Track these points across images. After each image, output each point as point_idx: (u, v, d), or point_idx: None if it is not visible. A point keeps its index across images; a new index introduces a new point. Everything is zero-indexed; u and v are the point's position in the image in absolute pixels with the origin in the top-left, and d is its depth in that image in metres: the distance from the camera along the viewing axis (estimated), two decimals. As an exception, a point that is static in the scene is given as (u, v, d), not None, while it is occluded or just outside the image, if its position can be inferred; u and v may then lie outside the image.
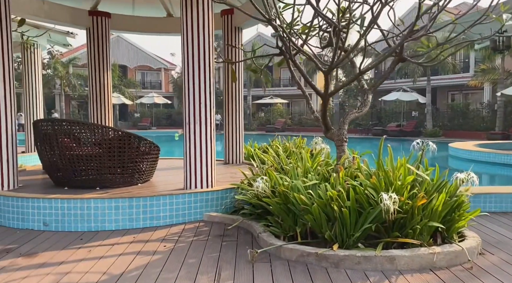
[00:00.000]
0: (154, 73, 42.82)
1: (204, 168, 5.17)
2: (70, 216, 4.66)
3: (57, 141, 5.16)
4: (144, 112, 38.24)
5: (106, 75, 8.11)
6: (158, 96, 35.54)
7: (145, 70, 42.03)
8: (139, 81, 41.07)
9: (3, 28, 5.23)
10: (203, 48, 5.11)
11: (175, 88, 41.23)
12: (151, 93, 36.28)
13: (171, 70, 44.62)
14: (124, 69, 39.54)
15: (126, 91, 35.10)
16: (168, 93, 41.58)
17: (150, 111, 38.24)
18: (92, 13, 7.82)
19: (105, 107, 8.14)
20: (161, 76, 42.82)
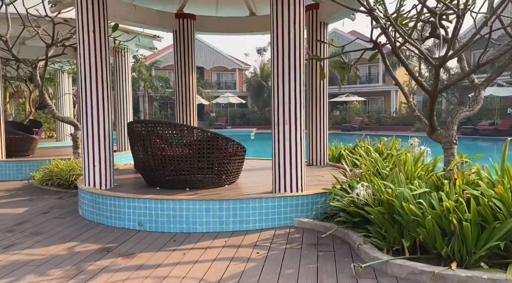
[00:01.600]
0: (229, 73, 43.81)
1: (294, 171, 4.92)
2: (163, 216, 4.70)
3: (150, 142, 5.26)
4: (219, 111, 39.28)
5: (191, 76, 8.23)
6: (233, 96, 36.24)
7: (221, 70, 43.15)
8: (214, 82, 42.30)
9: (102, 33, 5.45)
10: (294, 45, 4.85)
11: (249, 87, 41.79)
12: (226, 93, 37.12)
13: (245, 70, 45.33)
14: (201, 70, 40.98)
15: (203, 91, 36.32)
16: (242, 92, 42.29)
17: (225, 110, 39.17)
18: (179, 16, 7.97)
19: (190, 108, 8.27)
20: (236, 76, 43.68)
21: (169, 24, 7.97)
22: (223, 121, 36.12)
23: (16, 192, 7.26)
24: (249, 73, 45.09)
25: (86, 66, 5.40)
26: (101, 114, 5.48)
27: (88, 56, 5.39)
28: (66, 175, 7.37)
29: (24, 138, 9.63)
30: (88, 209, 5.30)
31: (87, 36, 5.37)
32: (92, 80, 5.42)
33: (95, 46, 5.41)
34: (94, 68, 5.42)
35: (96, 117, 5.46)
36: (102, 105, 5.49)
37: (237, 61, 43.59)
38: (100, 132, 5.48)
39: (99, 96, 5.46)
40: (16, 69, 12.32)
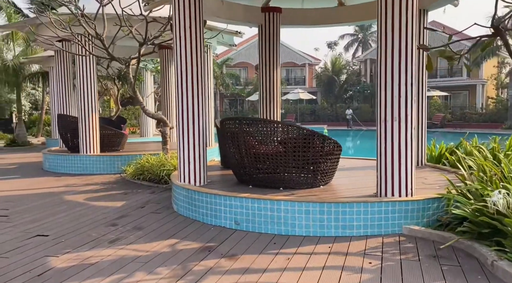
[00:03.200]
0: (298, 69, 43.31)
1: (403, 173, 4.46)
2: (261, 217, 4.52)
3: (244, 139, 5.11)
4: (288, 108, 38.96)
5: (275, 72, 8.03)
6: (303, 92, 35.71)
7: (290, 66, 42.78)
8: (283, 78, 42.05)
9: (197, 29, 5.40)
10: (405, 32, 4.38)
11: (319, 83, 40.95)
12: (296, 89, 36.68)
13: (314, 65, 44.49)
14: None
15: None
16: (311, 88, 41.57)
17: (294, 107, 38.77)
18: (265, 9, 7.79)
19: (274, 104, 8.08)
20: (305, 72, 43.04)
21: (255, 19, 7.84)
22: (293, 118, 35.76)
23: (111, 186, 7.60)
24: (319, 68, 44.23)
25: (182, 61, 5.40)
26: (195, 110, 5.45)
27: (184, 52, 5.38)
28: (157, 170, 7.56)
29: (116, 133, 10.13)
30: (183, 205, 5.30)
31: (183, 32, 5.36)
32: (188, 76, 5.41)
33: (191, 42, 5.38)
34: (190, 64, 5.40)
35: (191, 114, 5.44)
36: (197, 101, 5.46)
37: (307, 56, 42.91)
38: (195, 129, 5.46)
39: (194, 93, 5.43)
40: (106, 68, 13.09)
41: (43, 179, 8.38)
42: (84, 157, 9.16)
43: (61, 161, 9.32)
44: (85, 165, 9.13)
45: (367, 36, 52.70)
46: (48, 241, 4.37)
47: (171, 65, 12.76)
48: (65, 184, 7.79)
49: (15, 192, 7.11)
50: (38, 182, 8.11)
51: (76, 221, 5.13)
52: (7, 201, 6.34)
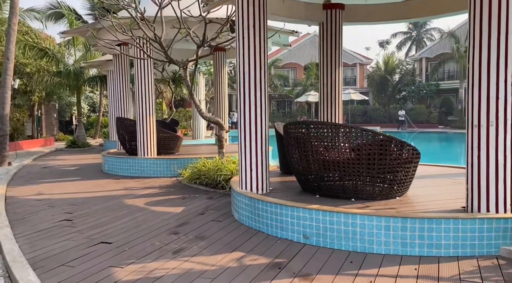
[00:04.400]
0: (348, 69, 42.10)
1: (500, 185, 3.88)
2: (333, 231, 4.12)
3: (311, 145, 4.74)
4: (339, 109, 37.89)
5: (337, 72, 7.59)
6: (355, 92, 34.58)
7: (341, 66, 41.64)
8: (333, 78, 41.02)
9: (261, 28, 5.12)
10: (505, 22, 3.79)
11: (370, 83, 39.54)
12: (347, 90, 35.62)
13: (366, 64, 43.07)
14: (319, 67, 40.21)
15: (322, 88, 35.44)
16: (362, 88, 40.24)
17: (345, 108, 37.66)
18: (326, 6, 7.38)
19: (336, 106, 7.63)
20: (356, 72, 41.80)
21: (316, 16, 7.44)
22: (344, 119, 34.75)
23: (169, 190, 7.52)
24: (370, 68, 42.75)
25: (245, 62, 5.14)
26: (258, 113, 5.17)
27: (247, 52, 5.11)
28: (213, 175, 7.38)
29: (171, 136, 10.14)
30: (245, 214, 5.03)
31: (247, 31, 5.09)
32: (251, 77, 5.13)
33: (255, 42, 5.10)
34: (253, 64, 5.12)
35: (254, 117, 5.16)
36: (260, 104, 5.17)
37: (358, 56, 41.62)
38: (258, 133, 5.18)
39: (257, 95, 5.15)
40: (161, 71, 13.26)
41: (103, 182, 8.50)
42: (141, 160, 9.22)
43: (119, 164, 9.45)
44: (142, 168, 9.18)
45: (422, 34, 50.30)
46: (112, 249, 4.26)
47: (225, 67, 12.66)
48: (124, 187, 7.82)
49: (78, 194, 7.21)
50: (99, 184, 8.23)
51: (138, 228, 5.01)
52: (71, 204, 6.42)
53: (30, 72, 17.55)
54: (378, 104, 37.53)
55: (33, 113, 19.54)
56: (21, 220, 5.49)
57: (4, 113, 11.36)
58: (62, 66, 17.21)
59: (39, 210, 6.02)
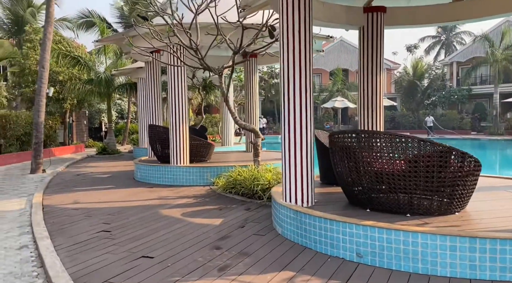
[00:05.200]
0: (376, 74, 41.25)
1: None
2: (391, 250, 3.81)
3: (362, 155, 4.45)
4: (366, 115, 37.11)
5: (378, 77, 7.26)
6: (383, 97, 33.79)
7: (367, 71, 40.89)
8: (360, 84, 40.31)
9: (306, 33, 4.88)
10: None
11: (398, 88, 38.66)
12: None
13: (393, 69, 42.20)
14: (346, 72, 39.65)
15: (349, 94, 34.91)
16: (390, 94, 39.38)
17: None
18: (367, 10, 7.08)
19: (377, 113, 7.31)
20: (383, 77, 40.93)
21: (356, 20, 7.15)
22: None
23: (203, 199, 7.34)
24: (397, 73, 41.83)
25: (290, 67, 4.91)
26: (303, 121, 4.92)
27: (292, 57, 4.88)
28: (250, 185, 7.15)
29: (203, 144, 10.00)
30: (290, 228, 4.76)
31: (292, 36, 4.87)
32: (295, 83, 4.90)
33: (300, 47, 4.87)
34: (298, 70, 4.89)
35: (299, 125, 4.91)
36: (305, 111, 4.92)
37: (385, 61, 40.79)
38: (303, 142, 4.92)
39: (302, 102, 4.90)
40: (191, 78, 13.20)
41: (137, 190, 8.41)
42: (174, 168, 9.10)
43: (152, 172, 9.37)
44: (175, 176, 9.06)
45: (451, 38, 49.00)
46: (154, 264, 4.08)
47: (256, 73, 12.49)
48: (158, 196, 7.70)
49: (113, 203, 7.13)
50: (133, 193, 8.14)
51: (178, 241, 4.82)
52: (108, 214, 6.32)
53: (63, 80, 17.93)
54: (406, 110, 36.58)
55: (65, 120, 19.92)
56: (60, 230, 5.41)
57: (39, 121, 11.53)
58: (93, 74, 17.48)
59: (76, 220, 5.94)
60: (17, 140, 15.50)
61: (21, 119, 15.35)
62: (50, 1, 11.96)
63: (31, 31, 18.53)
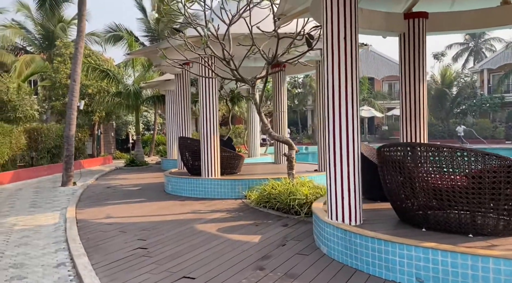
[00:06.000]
0: (402, 82, 40.44)
1: None
2: (456, 276, 3.45)
3: (418, 170, 4.12)
4: (393, 124, 36.36)
5: (421, 86, 6.90)
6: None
7: (393, 80, 40.22)
8: (385, 92, 39.61)
9: (352, 40, 4.63)
10: None
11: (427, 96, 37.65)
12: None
13: (420, 78, 41.17)
14: (371, 81, 39.02)
15: (375, 103, 34.27)
16: (417, 103, 38.33)
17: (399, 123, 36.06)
18: (408, 16, 6.77)
19: (420, 123, 6.92)
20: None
21: (397, 27, 6.84)
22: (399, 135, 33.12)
23: (237, 214, 7.10)
24: (425, 81, 40.75)
25: (335, 76, 4.65)
26: (350, 134, 4.63)
27: (337, 66, 4.63)
28: (286, 199, 6.87)
29: (234, 155, 9.81)
30: (337, 248, 4.45)
31: (337, 43, 4.62)
32: (341, 93, 4.63)
33: (345, 55, 4.62)
34: (343, 79, 4.62)
35: (345, 137, 4.63)
36: (352, 122, 4.64)
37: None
38: (350, 155, 4.63)
39: (349, 112, 4.62)
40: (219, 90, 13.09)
41: (169, 204, 8.25)
42: (206, 181, 8.92)
43: (183, 185, 9.22)
44: (206, 189, 8.87)
45: (480, 44, 47.64)
46: (197, 287, 3.85)
47: (284, 83, 12.29)
48: (191, 210, 7.51)
49: (147, 218, 6.98)
50: (165, 206, 7.99)
51: (218, 260, 4.58)
52: (142, 229, 6.16)
53: (92, 93, 18.20)
54: (435, 119, 35.57)
55: (93, 132, 20.20)
56: (96, 247, 5.26)
57: (70, 134, 11.62)
58: (122, 87, 17.69)
59: (111, 236, 5.79)
60: (48, 153, 15.75)
61: (51, 132, 15.60)
62: (82, 16, 12.14)
63: (62, 45, 18.97)
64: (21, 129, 14.29)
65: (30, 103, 15.10)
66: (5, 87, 14.81)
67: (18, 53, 23.77)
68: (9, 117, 14.10)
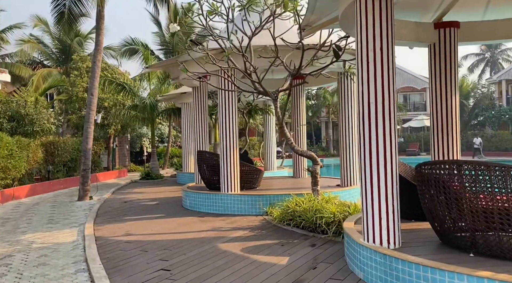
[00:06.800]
0: (417, 94, 40.02)
1: None
2: (518, 309, 3.10)
3: (465, 190, 3.80)
4: (409, 136, 35.76)
5: (453, 98, 6.58)
6: (428, 118, 32.44)
7: (408, 91, 39.80)
8: (401, 103, 39.09)
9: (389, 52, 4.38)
10: None
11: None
12: (420, 116, 33.65)
13: (436, 89, 40.58)
14: (386, 92, 38.57)
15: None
16: (433, 114, 37.73)
17: (416, 135, 35.46)
18: (439, 25, 6.50)
19: (453, 138, 6.57)
20: (425, 97, 39.51)
21: (427, 37, 6.58)
22: (416, 147, 32.55)
23: (260, 232, 6.81)
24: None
25: (371, 89, 4.39)
26: (388, 150, 4.35)
27: (373, 78, 4.38)
28: (311, 217, 6.56)
29: (253, 170, 9.55)
30: (375, 273, 4.13)
31: (373, 55, 4.38)
32: (378, 107, 4.37)
33: (382, 67, 4.36)
34: (380, 92, 4.37)
35: (383, 154, 4.34)
36: (390, 138, 4.36)
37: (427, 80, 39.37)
38: (388, 173, 4.33)
39: (386, 126, 4.35)
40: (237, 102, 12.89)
41: (188, 220, 8.00)
42: (225, 196, 8.67)
43: (202, 200, 8.97)
44: (226, 204, 8.61)
45: (497, 55, 46.95)
46: (227, 316, 3.56)
47: (303, 96, 12.05)
48: (211, 227, 7.25)
49: (167, 235, 6.74)
50: (185, 223, 7.74)
51: (247, 286, 4.30)
52: (163, 248, 5.91)
53: (108, 106, 18.23)
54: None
55: (109, 145, 20.19)
56: (116, 268, 5.02)
57: (88, 147, 11.53)
58: (137, 100, 17.68)
59: (132, 256, 5.55)
60: (64, 166, 15.71)
61: (68, 145, 15.59)
62: (100, 29, 12.15)
63: (78, 59, 19.11)
64: (38, 142, 14.29)
65: (47, 117, 15.12)
66: (23, 101, 14.89)
67: (36, 67, 24.10)
68: (27, 131, 14.12)
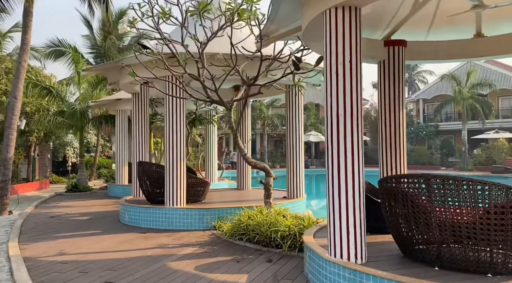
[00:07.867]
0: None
1: None
2: (492, 321, 3.16)
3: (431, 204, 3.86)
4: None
5: (400, 113, 6.85)
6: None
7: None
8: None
9: (357, 64, 4.38)
10: None
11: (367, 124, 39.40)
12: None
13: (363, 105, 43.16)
14: (317, 107, 40.16)
15: (322, 129, 35.16)
16: (360, 129, 40.02)
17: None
18: (389, 43, 6.78)
19: (399, 152, 6.83)
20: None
21: (377, 54, 6.80)
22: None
23: (211, 248, 6.44)
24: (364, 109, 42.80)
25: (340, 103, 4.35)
26: (355, 162, 4.30)
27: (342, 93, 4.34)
28: (266, 231, 6.36)
29: (200, 182, 9.14)
30: (345, 290, 4.02)
31: (342, 67, 4.35)
32: (346, 120, 4.33)
33: (351, 79, 4.35)
34: (349, 105, 4.33)
35: (351, 166, 4.29)
36: (357, 151, 4.33)
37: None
38: (355, 186, 4.28)
39: (354, 140, 4.32)
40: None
41: (130, 236, 7.35)
42: (170, 210, 8.14)
43: (144, 214, 8.34)
44: (171, 219, 8.09)
45: (414, 76, 51.34)
46: None
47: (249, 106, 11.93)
48: (157, 244, 6.71)
49: (109, 254, 6.08)
50: (126, 240, 7.09)
51: (211, 309, 3.94)
52: (107, 268, 5.29)
53: (30, 111, 16.53)
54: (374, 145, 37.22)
55: (29, 154, 18.30)
56: (54, 296, 4.35)
57: (8, 156, 10.24)
58: (65, 105, 16.27)
59: (71, 278, 4.88)
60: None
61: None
62: (27, 27, 11.00)
63: (-5, 59, 17.18)
64: None
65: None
66: None
67: None
68: None
